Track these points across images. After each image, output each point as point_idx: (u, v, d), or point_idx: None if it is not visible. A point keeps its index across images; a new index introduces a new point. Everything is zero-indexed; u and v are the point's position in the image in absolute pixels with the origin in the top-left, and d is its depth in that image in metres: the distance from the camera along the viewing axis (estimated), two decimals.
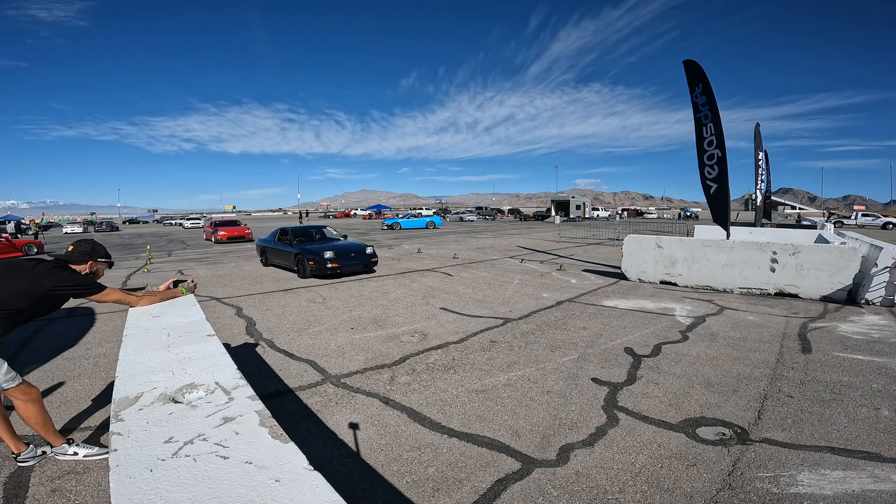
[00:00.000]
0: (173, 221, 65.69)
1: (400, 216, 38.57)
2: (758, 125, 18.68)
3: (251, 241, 20.25)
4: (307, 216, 52.51)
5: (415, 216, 36.18)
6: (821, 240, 10.47)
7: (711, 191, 9.01)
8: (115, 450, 1.23)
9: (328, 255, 9.48)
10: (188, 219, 49.45)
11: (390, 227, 30.90)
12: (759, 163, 18.97)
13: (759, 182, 19.09)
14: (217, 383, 1.63)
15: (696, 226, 15.09)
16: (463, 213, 53.99)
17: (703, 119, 8.85)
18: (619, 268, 9.54)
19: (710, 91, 8.67)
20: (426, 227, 31.65)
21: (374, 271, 10.66)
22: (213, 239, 21.20)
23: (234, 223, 22.92)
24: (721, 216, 8.93)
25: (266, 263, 11.95)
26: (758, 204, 19.12)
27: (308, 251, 9.78)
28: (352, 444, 2.97)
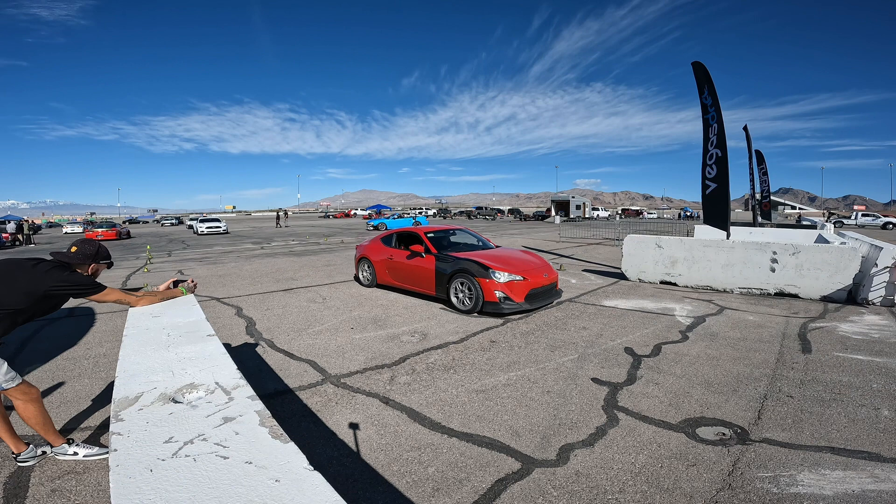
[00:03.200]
0: (172, 221, 56.34)
1: (396, 216, 38.23)
2: (745, 127, 18.74)
3: None
4: (286, 217, 46.17)
5: (401, 216, 35.75)
6: (821, 240, 10.47)
7: (708, 190, 9.03)
8: (115, 450, 1.23)
9: None
10: (204, 219, 32.54)
11: (376, 228, 30.12)
12: (752, 163, 19.13)
13: (752, 182, 19.25)
14: (217, 383, 1.63)
15: (696, 226, 15.10)
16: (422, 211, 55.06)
17: (710, 120, 8.91)
18: (619, 268, 9.54)
19: (714, 92, 8.74)
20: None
21: None
22: None
23: None
24: (720, 216, 8.93)
25: None
26: (752, 204, 19.33)
27: None
28: (352, 444, 2.97)
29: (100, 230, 28.74)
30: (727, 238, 8.61)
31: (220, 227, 29.77)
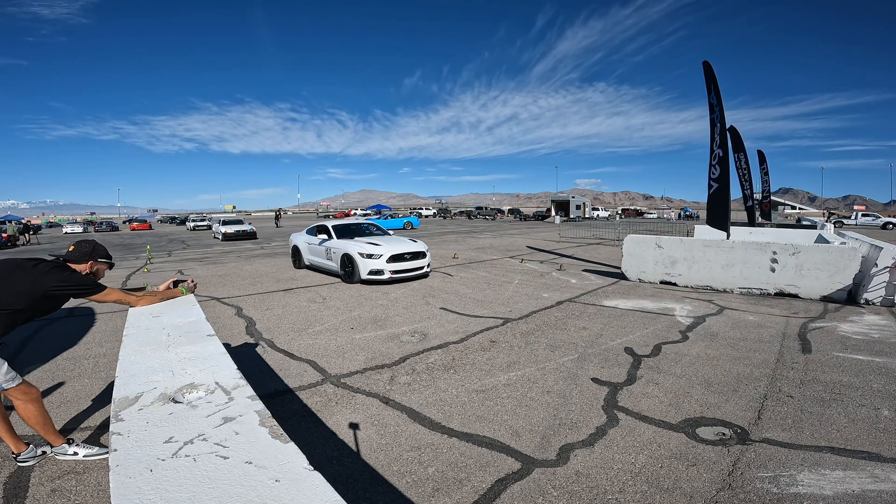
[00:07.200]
0: (199, 223, 35.17)
1: (387, 217, 37.72)
2: (732, 128, 18.78)
3: None
4: (282, 216, 47.07)
5: (391, 216, 35.63)
6: (821, 240, 10.47)
7: (711, 190, 9.04)
8: (115, 450, 1.23)
9: None
10: (343, 227, 10.41)
11: None
12: (742, 164, 19.20)
13: (750, 183, 19.32)
14: (217, 383, 1.63)
15: (696, 226, 15.11)
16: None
17: (715, 120, 8.91)
18: (619, 268, 9.54)
19: (719, 92, 8.75)
20: (404, 228, 30.99)
21: None
22: None
23: None
24: (720, 216, 8.93)
25: None
26: (749, 205, 19.45)
27: None
28: (352, 444, 2.97)
29: (136, 223, 40.54)
30: (727, 238, 8.61)
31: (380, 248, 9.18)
